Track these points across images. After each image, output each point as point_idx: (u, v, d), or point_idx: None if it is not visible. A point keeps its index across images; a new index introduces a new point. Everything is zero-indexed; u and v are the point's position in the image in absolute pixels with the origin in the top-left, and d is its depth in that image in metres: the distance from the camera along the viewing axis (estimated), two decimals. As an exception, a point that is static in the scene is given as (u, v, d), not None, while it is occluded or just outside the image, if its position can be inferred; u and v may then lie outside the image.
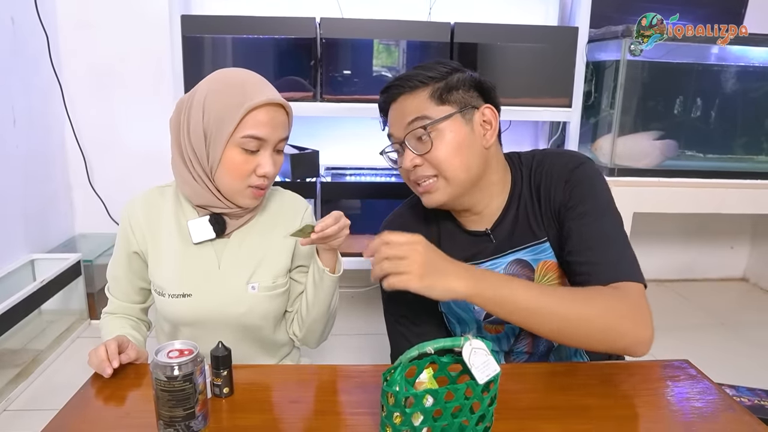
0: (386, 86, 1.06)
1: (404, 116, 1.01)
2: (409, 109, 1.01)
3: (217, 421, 0.82)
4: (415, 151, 1.00)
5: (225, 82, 1.02)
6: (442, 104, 0.99)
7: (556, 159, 1.05)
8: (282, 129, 1.05)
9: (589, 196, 0.99)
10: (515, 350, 1.10)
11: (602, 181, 1.03)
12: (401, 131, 1.02)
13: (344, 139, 2.47)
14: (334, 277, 1.11)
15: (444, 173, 0.99)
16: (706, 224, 2.88)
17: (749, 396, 1.41)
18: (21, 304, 1.85)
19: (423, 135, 0.99)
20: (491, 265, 1.06)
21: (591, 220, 0.98)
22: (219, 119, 1.00)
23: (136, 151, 2.45)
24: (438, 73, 1.00)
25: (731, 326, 2.39)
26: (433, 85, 1.00)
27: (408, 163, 1.01)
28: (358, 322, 2.32)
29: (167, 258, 1.09)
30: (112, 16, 2.34)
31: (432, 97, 0.99)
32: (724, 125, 2.36)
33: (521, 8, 2.44)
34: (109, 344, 0.96)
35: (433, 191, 1.01)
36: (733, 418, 0.83)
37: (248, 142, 1.00)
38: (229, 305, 1.09)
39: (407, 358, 0.73)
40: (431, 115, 0.99)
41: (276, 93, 1.04)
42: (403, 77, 1.03)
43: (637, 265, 0.95)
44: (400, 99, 1.02)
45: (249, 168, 1.02)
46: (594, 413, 0.84)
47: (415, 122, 0.99)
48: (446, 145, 0.98)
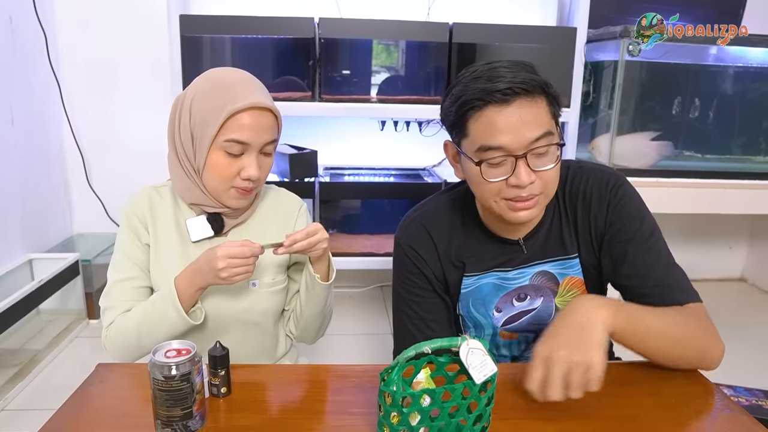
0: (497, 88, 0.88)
1: (527, 127, 0.89)
2: (531, 119, 0.89)
3: (215, 421, 0.81)
4: (535, 168, 0.91)
5: (213, 83, 1.02)
6: (554, 117, 0.93)
7: (593, 175, 1.03)
8: (267, 133, 1.02)
9: (637, 217, 1.00)
10: (524, 356, 1.10)
11: (641, 199, 1.03)
12: (522, 144, 0.89)
13: (343, 139, 2.47)
14: (325, 285, 1.11)
15: (548, 190, 0.95)
16: (704, 225, 2.89)
17: (747, 396, 1.41)
18: (19, 303, 1.85)
19: (543, 152, 0.91)
20: (518, 273, 1.05)
21: (642, 241, 0.99)
22: (203, 121, 1.00)
23: (135, 150, 2.45)
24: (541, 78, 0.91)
25: (729, 326, 2.37)
26: (547, 95, 0.91)
27: (526, 180, 0.90)
28: (356, 322, 2.32)
29: (166, 257, 1.09)
30: (111, 15, 2.34)
31: (549, 108, 0.92)
32: (722, 125, 2.37)
33: (520, 8, 2.45)
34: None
35: (534, 206, 0.95)
36: (731, 418, 0.83)
37: (231, 146, 1.00)
38: (229, 302, 1.09)
39: (404, 357, 0.73)
40: (552, 130, 0.92)
41: (263, 96, 1.02)
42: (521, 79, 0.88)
43: (691, 284, 0.99)
44: (518, 104, 0.88)
45: (233, 171, 1.01)
46: (592, 413, 0.84)
47: (542, 139, 0.90)
48: (557, 163, 0.94)
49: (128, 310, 1.07)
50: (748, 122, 2.37)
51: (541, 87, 0.90)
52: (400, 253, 1.09)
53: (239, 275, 0.98)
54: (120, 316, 1.07)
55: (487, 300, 1.06)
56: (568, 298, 1.04)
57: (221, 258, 0.96)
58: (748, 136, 2.39)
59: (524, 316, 1.06)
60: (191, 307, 1.04)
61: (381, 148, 2.46)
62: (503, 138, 0.89)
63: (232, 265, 0.96)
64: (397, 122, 2.31)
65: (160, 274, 1.09)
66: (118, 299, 1.08)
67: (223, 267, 0.96)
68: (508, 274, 1.05)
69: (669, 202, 2.17)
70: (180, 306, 1.00)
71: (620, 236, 1.00)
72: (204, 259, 1.00)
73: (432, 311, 1.07)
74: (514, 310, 1.06)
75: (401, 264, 1.09)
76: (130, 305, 1.07)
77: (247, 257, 0.97)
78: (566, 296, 1.04)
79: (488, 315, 1.07)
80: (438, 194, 1.13)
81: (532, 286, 1.05)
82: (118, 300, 1.08)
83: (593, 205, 1.02)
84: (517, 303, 1.05)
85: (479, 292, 1.06)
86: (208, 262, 0.98)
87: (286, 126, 1.07)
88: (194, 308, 1.05)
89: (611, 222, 1.01)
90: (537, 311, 1.05)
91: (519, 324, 1.07)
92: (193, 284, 1.01)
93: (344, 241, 2.22)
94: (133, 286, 1.09)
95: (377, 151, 2.48)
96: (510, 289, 1.05)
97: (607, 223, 1.01)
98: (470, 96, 0.90)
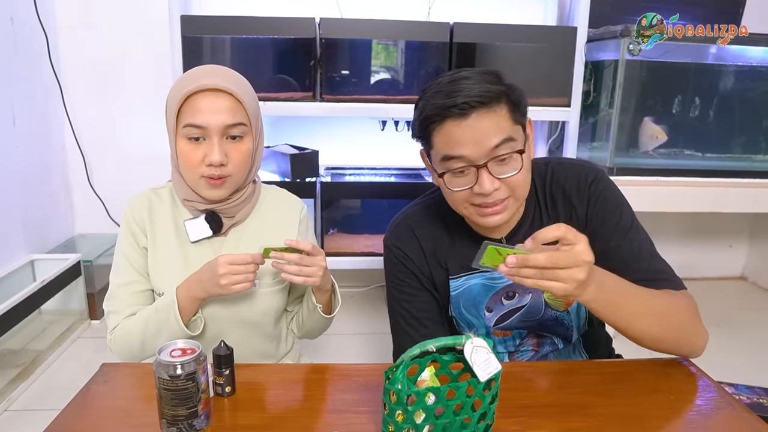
0: (452, 103, 0.90)
1: (485, 137, 0.91)
2: (489, 129, 0.91)
3: (220, 420, 0.82)
4: (500, 176, 0.93)
5: (182, 76, 1.04)
6: (516, 123, 0.94)
7: (571, 170, 1.05)
8: (225, 114, 0.99)
9: (616, 210, 1.01)
10: (520, 350, 1.11)
11: (620, 192, 1.04)
12: (482, 153, 0.91)
13: (344, 139, 2.47)
14: (325, 317, 1.13)
15: (517, 195, 0.96)
16: (704, 223, 2.89)
17: (748, 394, 1.42)
18: (21, 304, 1.85)
19: (506, 158, 0.92)
20: None
21: (623, 234, 1.00)
22: (169, 111, 1.02)
23: (136, 151, 2.45)
24: (502, 86, 0.92)
25: (730, 325, 2.39)
26: (507, 102, 0.92)
27: (489, 188, 0.92)
28: (358, 321, 2.32)
29: (166, 258, 1.09)
30: (112, 16, 2.34)
31: (510, 115, 0.93)
32: (723, 124, 2.37)
33: (520, 8, 2.45)
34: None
35: (503, 211, 0.96)
36: (733, 416, 0.84)
37: (190, 131, 1.00)
38: (230, 302, 1.09)
39: (409, 356, 0.73)
40: (514, 135, 0.93)
41: (219, 79, 0.99)
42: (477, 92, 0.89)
43: (675, 273, 1.00)
44: (475, 116, 0.90)
45: (197, 158, 1.01)
46: (594, 411, 0.84)
47: (502, 146, 0.91)
48: (525, 167, 0.95)
49: (132, 314, 1.08)
50: (749, 121, 2.37)
51: (500, 96, 0.91)
52: (389, 255, 1.12)
53: (239, 283, 0.98)
54: (124, 321, 1.07)
55: (477, 301, 1.07)
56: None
57: (222, 264, 0.97)
58: (748, 134, 2.39)
59: (515, 313, 1.07)
60: (192, 316, 1.05)
61: (382, 148, 2.46)
62: (463, 149, 0.92)
63: (233, 271, 0.97)
64: (397, 122, 2.31)
65: (160, 275, 1.09)
66: (120, 304, 1.09)
67: (224, 273, 0.97)
68: (494, 273, 1.05)
69: (669, 201, 2.18)
70: (179, 316, 1.02)
71: (601, 230, 1.00)
72: (206, 268, 1.01)
73: (424, 309, 1.08)
74: (505, 308, 1.07)
75: (391, 265, 1.12)
76: (132, 309, 1.08)
77: (248, 263, 0.98)
78: None
79: (480, 315, 1.08)
80: (424, 196, 1.15)
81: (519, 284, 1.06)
82: (120, 305, 1.09)
83: (573, 200, 1.03)
84: (507, 301, 1.06)
85: (468, 293, 1.07)
86: (209, 269, 0.99)
87: (286, 126, 1.07)
88: (194, 318, 1.06)
89: (591, 216, 1.02)
90: (527, 308, 1.06)
91: (510, 322, 1.08)
92: (193, 293, 1.02)
93: (345, 240, 2.22)
94: (133, 290, 1.10)
95: (378, 151, 2.49)
96: (498, 288, 1.06)
97: (588, 217, 1.02)
98: (430, 112, 0.93)
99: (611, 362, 1.02)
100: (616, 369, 0.97)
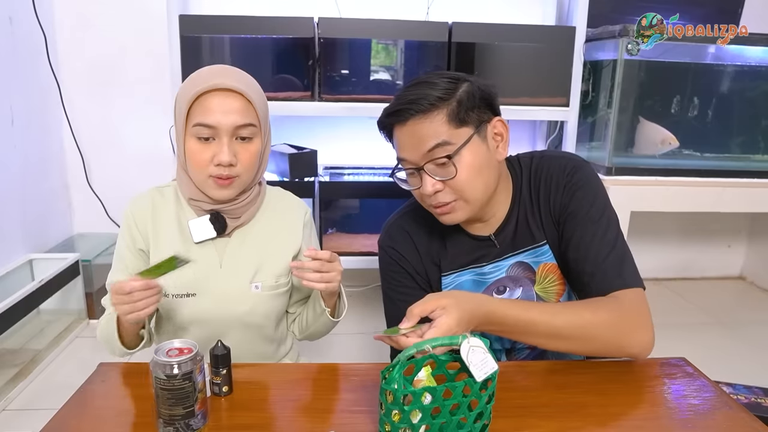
0: (393, 110, 0.98)
1: (421, 142, 0.95)
2: (425, 133, 0.95)
3: (217, 420, 0.82)
4: (436, 178, 0.96)
5: (192, 75, 1.04)
6: (460, 126, 0.95)
7: (554, 162, 1.06)
8: (237, 115, 1.00)
9: (587, 200, 1.01)
10: (517, 347, 1.11)
11: (599, 185, 1.04)
12: (418, 157, 0.97)
13: (342, 139, 2.47)
14: (332, 320, 1.13)
15: (465, 196, 0.98)
16: (703, 223, 2.89)
17: (746, 394, 1.42)
18: (20, 303, 1.85)
19: (445, 161, 0.95)
20: (494, 267, 1.07)
21: (589, 225, 0.99)
22: (178, 111, 1.02)
23: (135, 151, 2.44)
24: (445, 91, 0.95)
25: (728, 324, 2.40)
26: (447, 106, 0.95)
27: (430, 190, 0.97)
28: (356, 321, 2.32)
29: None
30: (110, 15, 2.34)
31: (449, 119, 0.95)
32: (721, 124, 2.37)
33: (519, 8, 2.45)
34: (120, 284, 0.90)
35: (453, 212, 1.00)
36: (730, 416, 0.84)
37: (200, 130, 1.00)
38: (232, 304, 1.09)
39: (405, 356, 0.73)
40: (451, 140, 0.95)
41: (230, 80, 1.00)
42: (412, 99, 0.95)
43: (635, 270, 0.98)
44: (411, 122, 0.96)
45: (206, 158, 1.01)
46: (592, 411, 0.84)
47: (437, 150, 0.95)
48: (468, 169, 0.96)
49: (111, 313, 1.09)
50: (747, 121, 2.37)
51: (436, 102, 0.94)
52: (384, 255, 1.13)
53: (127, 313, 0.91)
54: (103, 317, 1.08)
55: None
56: (546, 285, 1.06)
57: (112, 292, 0.92)
58: (747, 134, 2.39)
59: None
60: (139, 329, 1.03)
61: (381, 147, 2.44)
62: (405, 153, 0.99)
63: (118, 301, 0.91)
64: (397, 122, 2.31)
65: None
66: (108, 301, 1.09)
67: (114, 302, 0.92)
68: (484, 269, 1.07)
69: (668, 200, 2.18)
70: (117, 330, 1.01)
71: (570, 219, 1.01)
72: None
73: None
74: None
75: (386, 265, 1.13)
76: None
77: (125, 293, 0.89)
78: (544, 283, 1.06)
79: None
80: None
81: (509, 278, 1.07)
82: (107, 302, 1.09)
83: (552, 190, 1.04)
84: (498, 296, 1.07)
85: (459, 289, 1.08)
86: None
87: (286, 126, 1.07)
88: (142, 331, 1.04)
89: (564, 204, 1.02)
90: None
91: None
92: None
93: (344, 240, 2.22)
94: None
95: (377, 150, 2.48)
96: (488, 283, 1.07)
97: (561, 205, 1.03)
98: (381, 119, 1.02)
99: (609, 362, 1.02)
100: (613, 368, 0.97)
